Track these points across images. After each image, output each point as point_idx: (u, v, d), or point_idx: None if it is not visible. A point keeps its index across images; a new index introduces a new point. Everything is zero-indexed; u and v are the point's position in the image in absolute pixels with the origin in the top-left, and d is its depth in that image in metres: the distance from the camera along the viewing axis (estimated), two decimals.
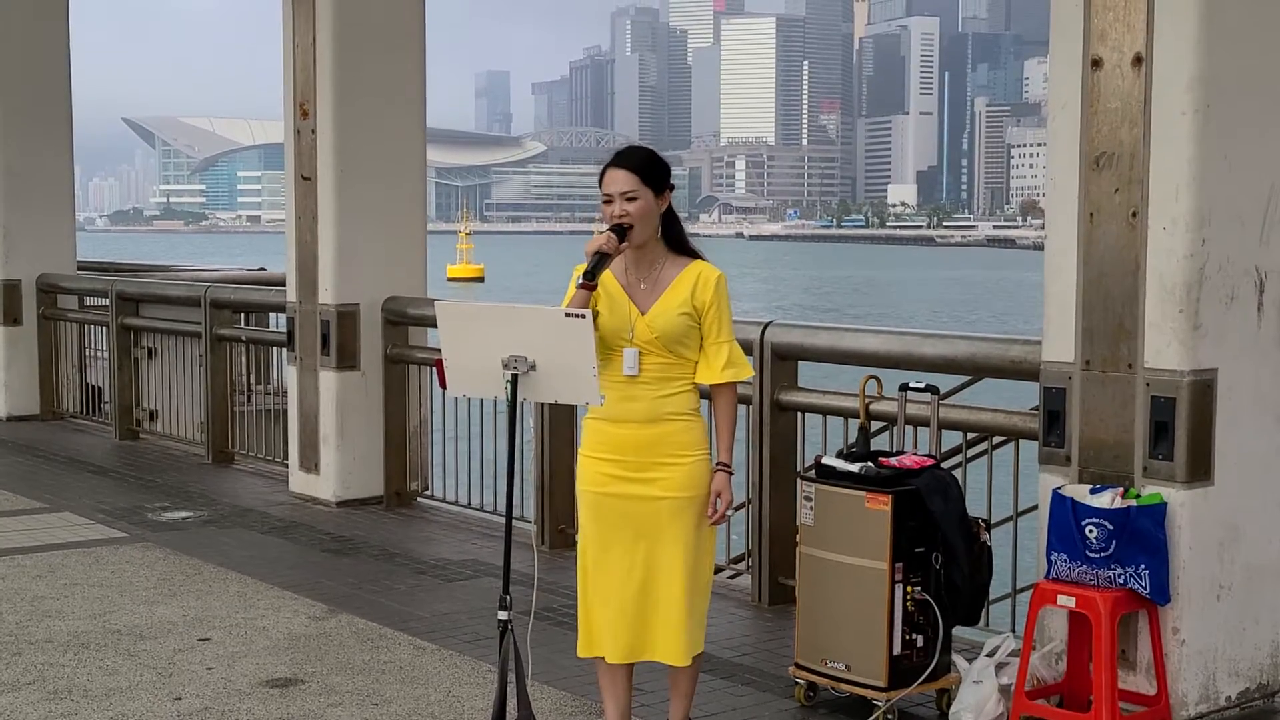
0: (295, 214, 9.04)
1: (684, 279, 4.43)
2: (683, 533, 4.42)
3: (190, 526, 8.37)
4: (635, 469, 4.43)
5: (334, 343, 8.83)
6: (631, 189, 4.38)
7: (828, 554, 5.15)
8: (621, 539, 4.45)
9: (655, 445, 4.41)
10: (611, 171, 4.43)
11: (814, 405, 6.49)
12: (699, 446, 4.46)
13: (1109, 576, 4.81)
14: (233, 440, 10.43)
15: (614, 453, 4.44)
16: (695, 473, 4.43)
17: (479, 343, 4.36)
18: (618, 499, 4.45)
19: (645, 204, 4.39)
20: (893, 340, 6.24)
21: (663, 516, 4.42)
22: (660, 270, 4.45)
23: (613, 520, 4.46)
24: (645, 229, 4.40)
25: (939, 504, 5.05)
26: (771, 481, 6.59)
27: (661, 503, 4.42)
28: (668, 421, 4.41)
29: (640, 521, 4.43)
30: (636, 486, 4.43)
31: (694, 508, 4.44)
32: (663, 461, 4.41)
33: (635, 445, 4.42)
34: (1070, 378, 5.11)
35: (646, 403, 4.40)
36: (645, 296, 4.43)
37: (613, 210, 4.39)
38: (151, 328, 11.33)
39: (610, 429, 4.45)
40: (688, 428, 4.44)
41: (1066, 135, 5.08)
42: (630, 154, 4.46)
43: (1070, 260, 5.08)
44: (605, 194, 4.42)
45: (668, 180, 4.47)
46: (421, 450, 9.00)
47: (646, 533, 4.43)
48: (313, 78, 8.83)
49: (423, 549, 7.88)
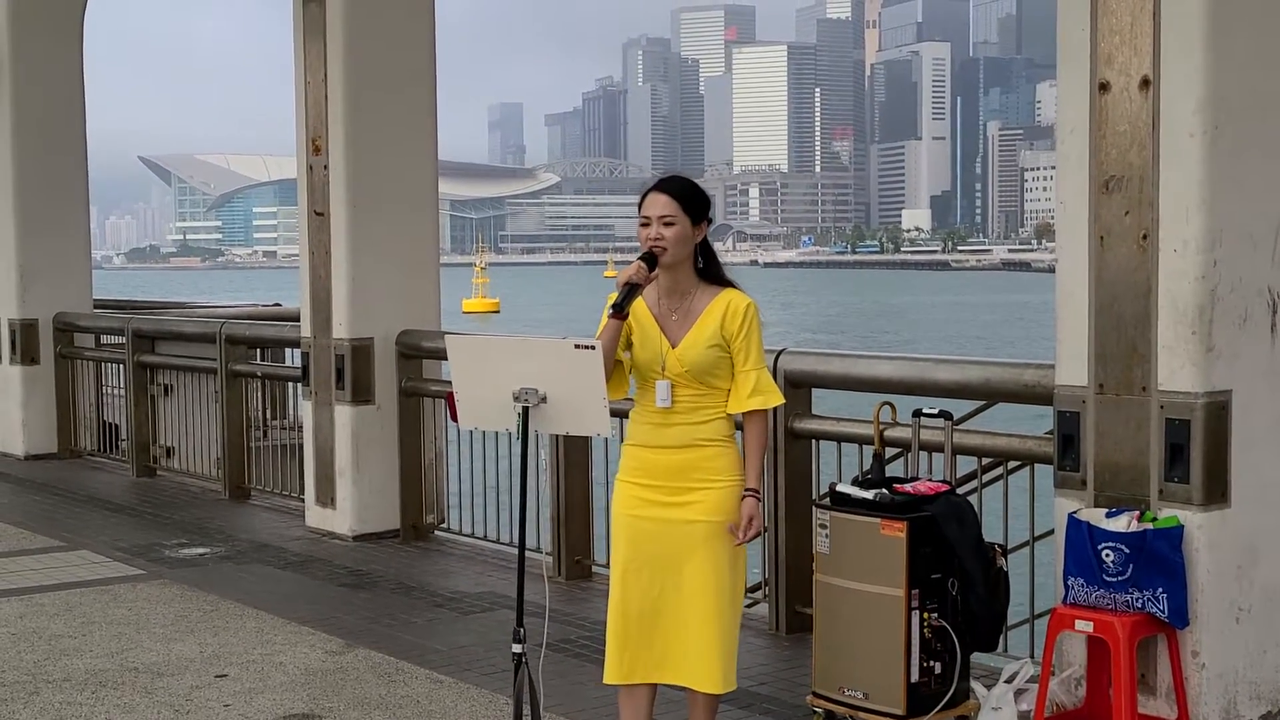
0: (309, 249, 9.08)
1: (714, 309, 4.45)
2: (716, 555, 4.43)
3: (207, 563, 8.38)
4: (670, 493, 4.44)
5: (348, 377, 8.85)
6: (670, 214, 4.41)
7: (844, 581, 5.13)
8: (654, 562, 4.46)
9: (689, 470, 4.43)
10: (653, 195, 4.47)
11: (828, 432, 6.48)
12: (733, 472, 4.47)
13: (1127, 600, 4.79)
14: (249, 476, 10.45)
15: (649, 477, 4.47)
16: (729, 497, 4.44)
17: (490, 375, 4.37)
18: (652, 522, 4.46)
19: (681, 230, 4.41)
20: (906, 366, 6.24)
21: (696, 539, 4.42)
22: (692, 301, 4.47)
23: (646, 543, 4.47)
24: (678, 254, 4.42)
25: (955, 530, 5.03)
26: (787, 509, 6.57)
27: (695, 526, 4.43)
28: (701, 447, 4.44)
29: (674, 544, 4.44)
30: (671, 510, 4.44)
31: (727, 532, 4.45)
32: (697, 485, 4.43)
33: (669, 470, 4.44)
34: (1084, 401, 5.10)
35: (680, 429, 4.44)
36: (676, 328, 4.45)
37: (649, 233, 4.42)
38: (167, 364, 11.36)
39: (645, 454, 4.48)
40: (721, 453, 4.45)
41: (1076, 159, 5.08)
42: (673, 180, 4.52)
43: (1082, 284, 5.08)
44: (644, 216, 4.45)
45: (707, 212, 4.51)
46: (437, 483, 9.00)
47: (680, 556, 4.44)
48: (324, 114, 8.87)
49: (439, 582, 7.88)
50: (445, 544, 8.82)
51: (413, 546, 8.77)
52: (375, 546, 8.76)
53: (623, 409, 4.74)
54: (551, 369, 4.29)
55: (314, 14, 8.90)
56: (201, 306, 14.19)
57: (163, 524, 9.58)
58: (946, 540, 5.01)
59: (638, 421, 4.51)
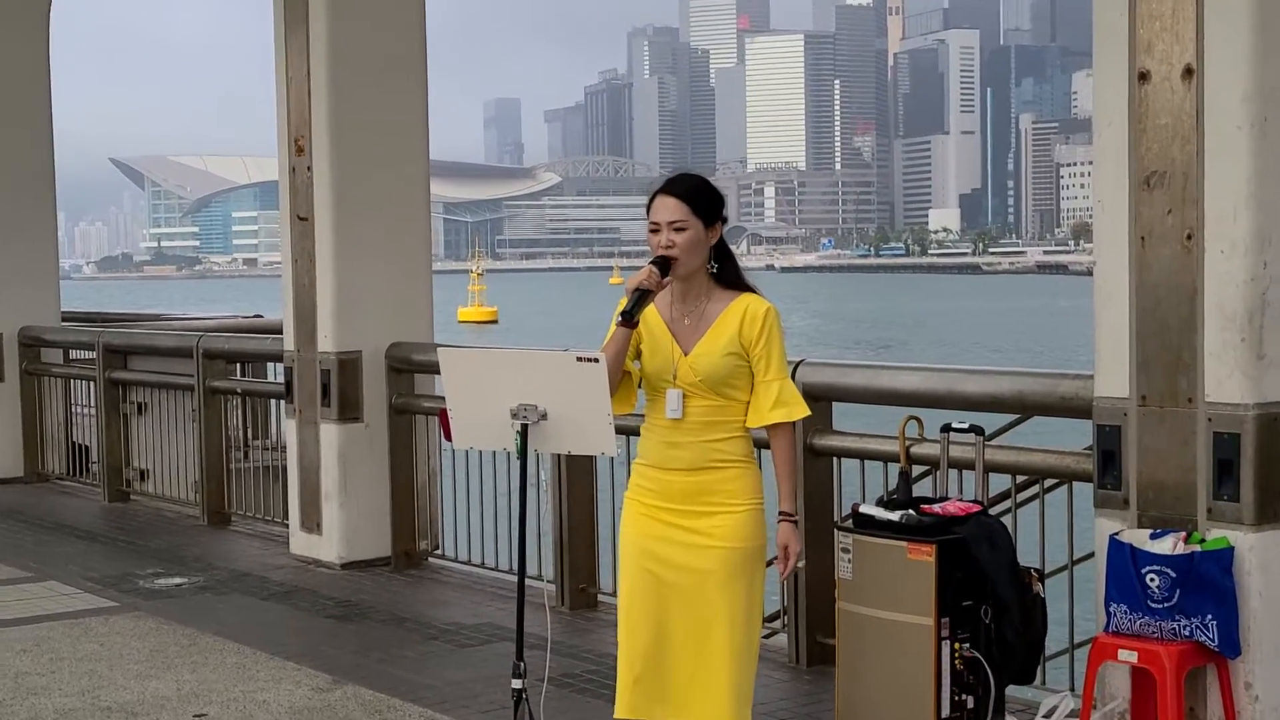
0: (292, 256, 9.09)
1: (730, 314, 4.42)
2: (732, 585, 4.40)
3: (184, 594, 8.38)
4: (683, 515, 4.42)
5: (335, 393, 8.86)
6: (680, 218, 4.38)
7: (868, 610, 5.13)
8: (665, 589, 4.43)
9: (703, 493, 4.41)
10: (660, 199, 4.44)
11: (850, 449, 6.47)
12: (752, 495, 4.44)
13: (1173, 628, 4.78)
14: (229, 500, 10.45)
15: (661, 498, 4.45)
16: (747, 523, 4.42)
17: (486, 391, 4.37)
18: (663, 544, 4.43)
19: (694, 235, 4.39)
20: (933, 377, 6.23)
21: (710, 567, 4.39)
22: (706, 305, 4.45)
23: (655, 569, 4.44)
24: (692, 261, 4.40)
25: (987, 553, 5.03)
26: (807, 532, 6.53)
27: (711, 552, 4.39)
28: (717, 469, 4.41)
29: (686, 572, 4.41)
30: (685, 534, 4.42)
31: (745, 560, 4.41)
32: (712, 510, 4.41)
33: (682, 492, 4.42)
34: (1125, 414, 5.09)
35: (693, 449, 4.39)
36: (689, 334, 4.43)
37: (659, 240, 4.40)
38: (141, 381, 11.37)
39: (657, 474, 4.46)
40: (739, 475, 4.42)
41: (1114, 154, 5.08)
42: (681, 181, 4.49)
43: (1122, 288, 5.07)
44: (652, 222, 4.44)
45: (720, 212, 4.48)
46: (431, 506, 9.01)
47: (693, 584, 4.41)
48: (307, 111, 8.89)
49: (434, 612, 7.87)
50: (440, 572, 8.82)
51: (405, 575, 8.77)
52: (364, 575, 8.76)
53: (632, 424, 4.72)
54: (552, 384, 4.30)
55: (295, 3, 8.92)
56: (177, 319, 14.22)
57: (136, 552, 9.59)
58: (978, 564, 5.01)
59: (648, 438, 4.48)
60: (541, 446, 4.37)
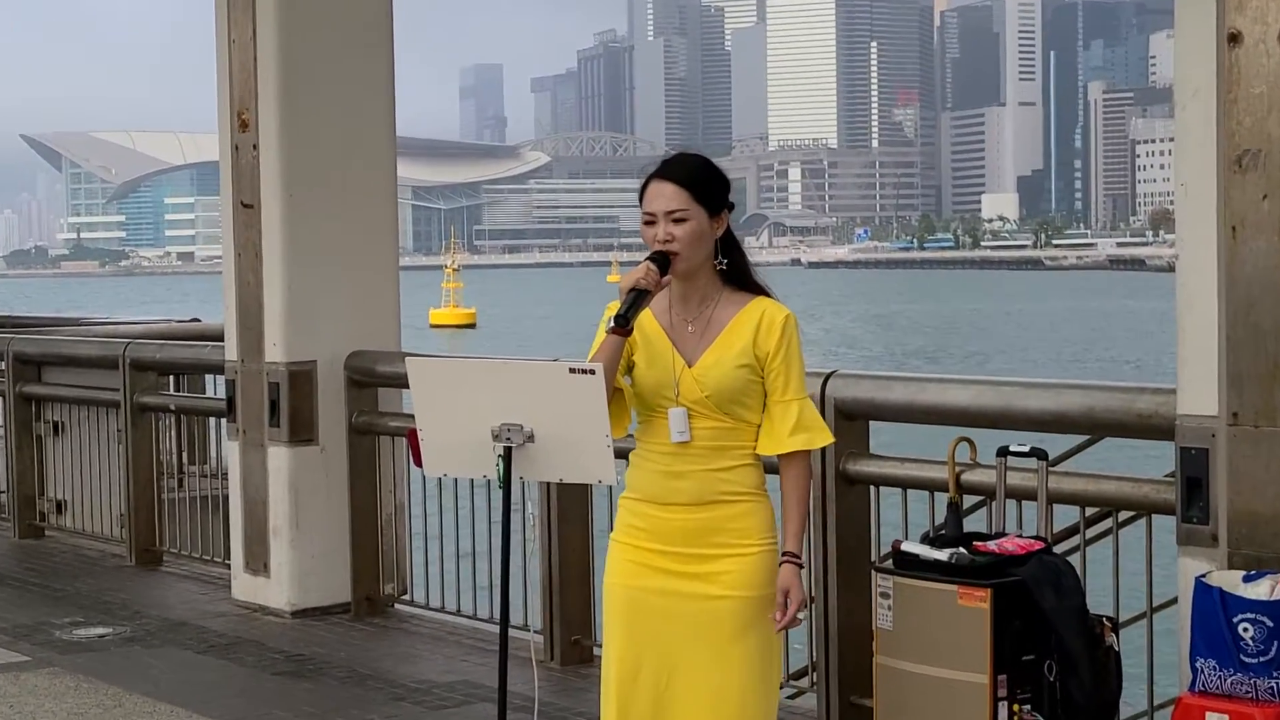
0: (235, 250, 9.10)
1: (743, 321, 4.41)
2: (744, 643, 4.38)
3: (109, 646, 8.38)
4: (683, 561, 4.40)
5: (285, 410, 8.86)
6: (680, 208, 4.37)
7: (912, 665, 5.12)
8: (660, 650, 4.41)
9: (710, 532, 4.39)
10: (655, 185, 4.43)
11: (890, 476, 6.47)
12: (766, 533, 4.43)
13: (1271, 687, 4.77)
14: (161, 537, 10.45)
15: (655, 541, 4.42)
16: (761, 566, 4.41)
17: (462, 408, 4.38)
18: (659, 596, 4.41)
19: (696, 227, 4.38)
20: (988, 392, 6.23)
21: (720, 621, 4.37)
22: (713, 310, 4.43)
23: (651, 625, 4.42)
24: (694, 257, 4.40)
25: (1051, 599, 5.02)
26: (839, 574, 6.56)
27: (719, 604, 4.38)
28: (726, 503, 4.39)
29: (689, 628, 4.38)
30: (685, 583, 4.39)
31: (759, 611, 4.39)
32: (720, 553, 4.38)
33: (683, 532, 4.39)
34: (1214, 435, 5.09)
35: (697, 479, 4.38)
36: (693, 343, 4.42)
37: (655, 234, 4.38)
38: (58, 397, 11.38)
39: (652, 512, 4.43)
40: (751, 510, 4.42)
41: (1200, 129, 5.08)
42: (679, 164, 4.47)
43: (1209, 286, 5.07)
44: (647, 213, 4.42)
45: (726, 198, 4.47)
46: (397, 544, 9.01)
47: (695, 642, 4.38)
48: (253, 80, 8.90)
49: (401, 669, 7.87)
50: (408, 621, 8.82)
51: (367, 624, 8.77)
52: (320, 624, 8.76)
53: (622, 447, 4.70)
54: (541, 399, 4.30)
55: None
56: (100, 323, 14.22)
57: (52, 597, 9.59)
58: (1041, 612, 5.00)
59: (641, 468, 4.46)
60: (528, 473, 4.38)
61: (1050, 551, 5.26)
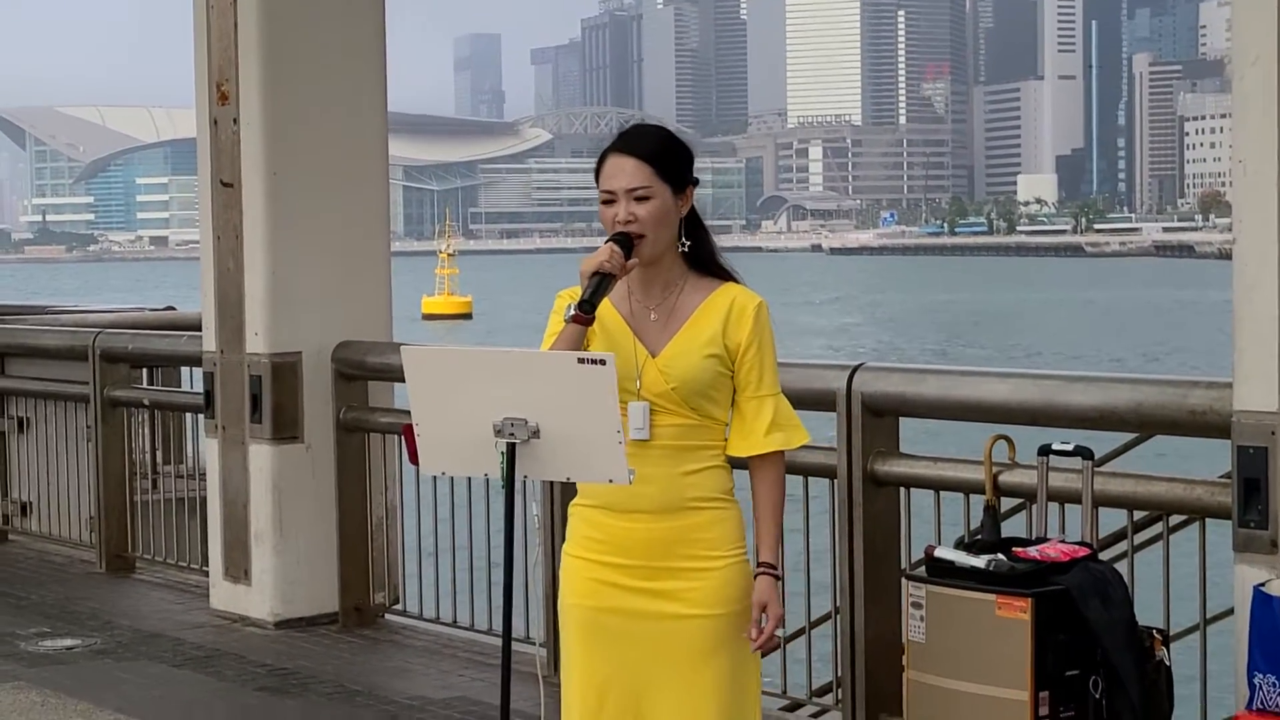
0: (213, 233, 9.10)
1: (711, 308, 4.38)
2: (717, 664, 4.34)
3: (77, 659, 8.38)
4: (646, 576, 4.35)
5: (267, 406, 8.86)
6: (641, 184, 4.34)
7: (946, 681, 5.12)
8: (624, 678, 4.37)
9: (674, 544, 4.34)
10: (614, 159, 4.39)
11: (922, 477, 6.47)
12: (735, 543, 4.38)
13: None
14: (133, 541, 10.45)
15: (615, 554, 4.38)
16: (731, 579, 4.36)
17: (462, 401, 4.36)
18: (619, 617, 4.37)
19: (660, 205, 4.35)
20: (1027, 386, 6.22)
21: (688, 643, 4.33)
22: (678, 296, 4.41)
23: (614, 651, 4.38)
24: (660, 239, 4.37)
25: (1097, 609, 5.02)
26: (867, 583, 6.56)
27: (686, 624, 4.34)
28: (692, 511, 4.35)
29: (654, 652, 4.35)
30: (648, 601, 4.35)
31: (731, 630, 4.35)
32: (686, 566, 4.34)
33: (646, 544, 4.35)
34: (1273, 433, 5.09)
35: (661, 483, 4.34)
36: (657, 332, 4.39)
37: (616, 214, 4.35)
38: (22, 390, 11.39)
39: (610, 522, 4.39)
40: (720, 518, 4.37)
41: (1260, 100, 5.06)
42: (638, 136, 4.42)
43: (1270, 273, 5.07)
44: (605, 191, 4.39)
45: (690, 172, 4.44)
46: (389, 550, 9.01)
47: (663, 668, 4.35)
48: (233, 49, 8.89)
49: (393, 684, 7.87)
50: (400, 632, 8.83)
51: (356, 636, 8.77)
52: (305, 636, 8.77)
53: None
54: (547, 392, 4.29)
55: None
56: (68, 312, 14.22)
57: (16, 606, 9.59)
58: (1086, 624, 5.00)
59: None
60: (533, 472, 4.36)
61: (1096, 558, 5.26)
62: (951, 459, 6.42)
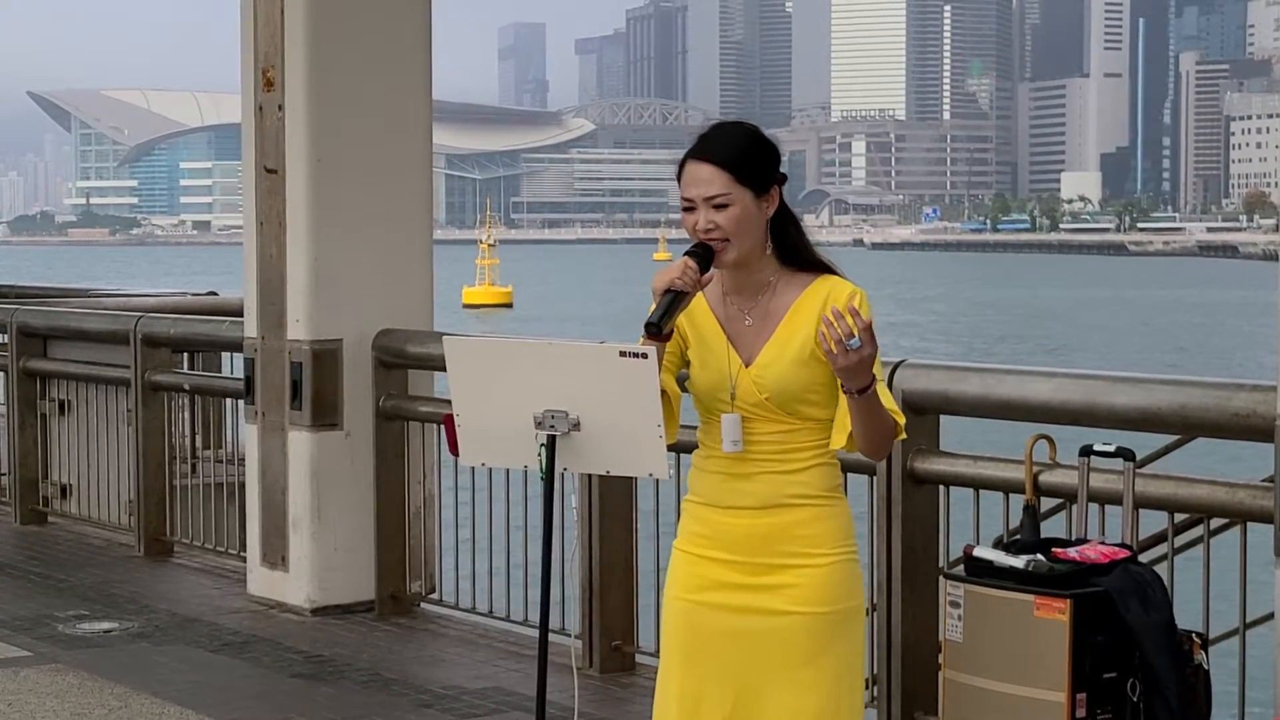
0: (256, 219, 9.11)
1: (804, 306, 4.29)
2: (820, 664, 4.32)
3: (114, 642, 8.41)
4: (749, 571, 4.32)
5: (307, 392, 8.87)
6: (721, 192, 4.23)
7: (983, 681, 5.10)
8: (724, 670, 4.35)
9: (776, 539, 4.31)
10: (691, 166, 4.28)
11: (961, 476, 6.44)
12: (839, 541, 4.34)
13: None
14: (172, 526, 10.48)
15: (721, 549, 4.35)
16: (835, 577, 4.33)
17: (503, 392, 4.37)
18: (723, 612, 4.34)
19: (741, 211, 4.24)
20: (1070, 386, 6.20)
21: (790, 642, 4.31)
22: (772, 297, 4.32)
23: (713, 646, 4.35)
24: (743, 244, 4.27)
25: (1137, 612, 5.00)
26: (904, 581, 6.54)
27: (788, 620, 4.31)
28: (794, 507, 4.31)
29: (755, 649, 4.33)
30: (750, 596, 4.32)
31: (835, 629, 4.32)
32: (789, 563, 4.31)
33: (748, 540, 4.32)
34: None
35: (763, 482, 4.31)
36: (752, 338, 4.32)
37: (696, 222, 4.26)
38: (64, 373, 11.42)
39: (715, 517, 4.36)
40: (823, 514, 4.34)
41: None
42: (718, 139, 4.30)
43: None
44: (685, 199, 4.29)
45: (775, 171, 4.32)
46: (426, 539, 9.02)
47: (764, 666, 4.33)
48: (280, 34, 8.91)
49: (428, 673, 7.89)
50: (435, 621, 8.83)
51: (392, 624, 8.79)
52: (341, 623, 8.78)
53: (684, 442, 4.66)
54: (588, 385, 4.28)
55: None
56: (110, 295, 14.28)
57: (55, 589, 9.63)
58: (1125, 626, 4.98)
59: (702, 469, 4.40)
60: (573, 465, 4.36)
61: (1136, 560, 5.24)
62: (992, 458, 6.40)
